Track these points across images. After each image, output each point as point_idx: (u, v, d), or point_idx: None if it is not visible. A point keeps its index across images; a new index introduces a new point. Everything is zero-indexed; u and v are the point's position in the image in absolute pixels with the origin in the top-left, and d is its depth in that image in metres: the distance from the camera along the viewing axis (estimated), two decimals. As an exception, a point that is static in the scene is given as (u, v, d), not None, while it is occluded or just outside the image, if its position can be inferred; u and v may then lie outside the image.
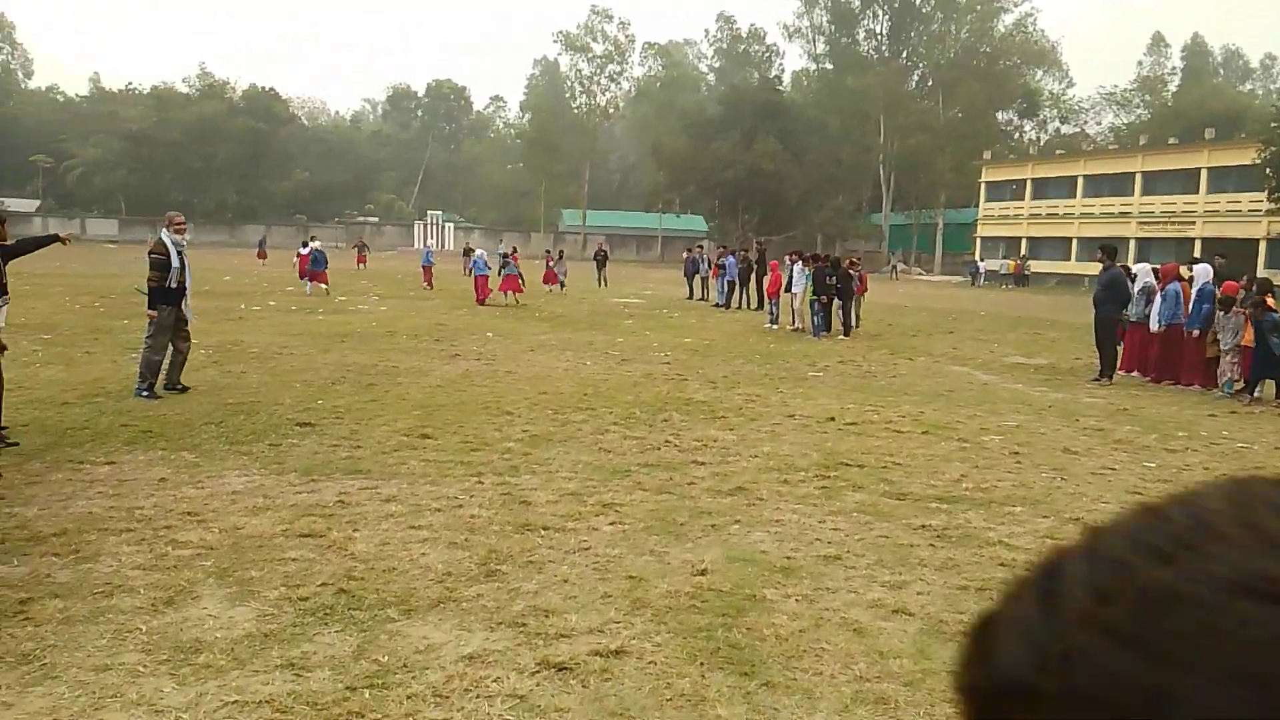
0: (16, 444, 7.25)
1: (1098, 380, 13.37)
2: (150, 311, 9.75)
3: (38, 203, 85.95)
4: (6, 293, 8.05)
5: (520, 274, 25.17)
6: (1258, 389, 12.15)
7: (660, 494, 6.49)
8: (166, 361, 9.81)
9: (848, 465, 7.57)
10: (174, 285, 9.83)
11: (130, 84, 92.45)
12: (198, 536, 5.26)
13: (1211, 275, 13.51)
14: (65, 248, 10.81)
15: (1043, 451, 8.42)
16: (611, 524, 5.74)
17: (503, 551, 5.13)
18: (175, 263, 9.84)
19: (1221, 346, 12.62)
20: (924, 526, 5.91)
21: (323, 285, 25.09)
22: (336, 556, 4.99)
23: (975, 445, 8.59)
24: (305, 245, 27.59)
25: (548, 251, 35.29)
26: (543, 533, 5.49)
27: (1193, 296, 13.28)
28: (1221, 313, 12.58)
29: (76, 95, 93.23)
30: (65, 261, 40.60)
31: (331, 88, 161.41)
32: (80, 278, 30.23)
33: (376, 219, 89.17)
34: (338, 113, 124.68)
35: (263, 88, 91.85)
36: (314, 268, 25.35)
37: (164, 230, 10.11)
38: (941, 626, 4.37)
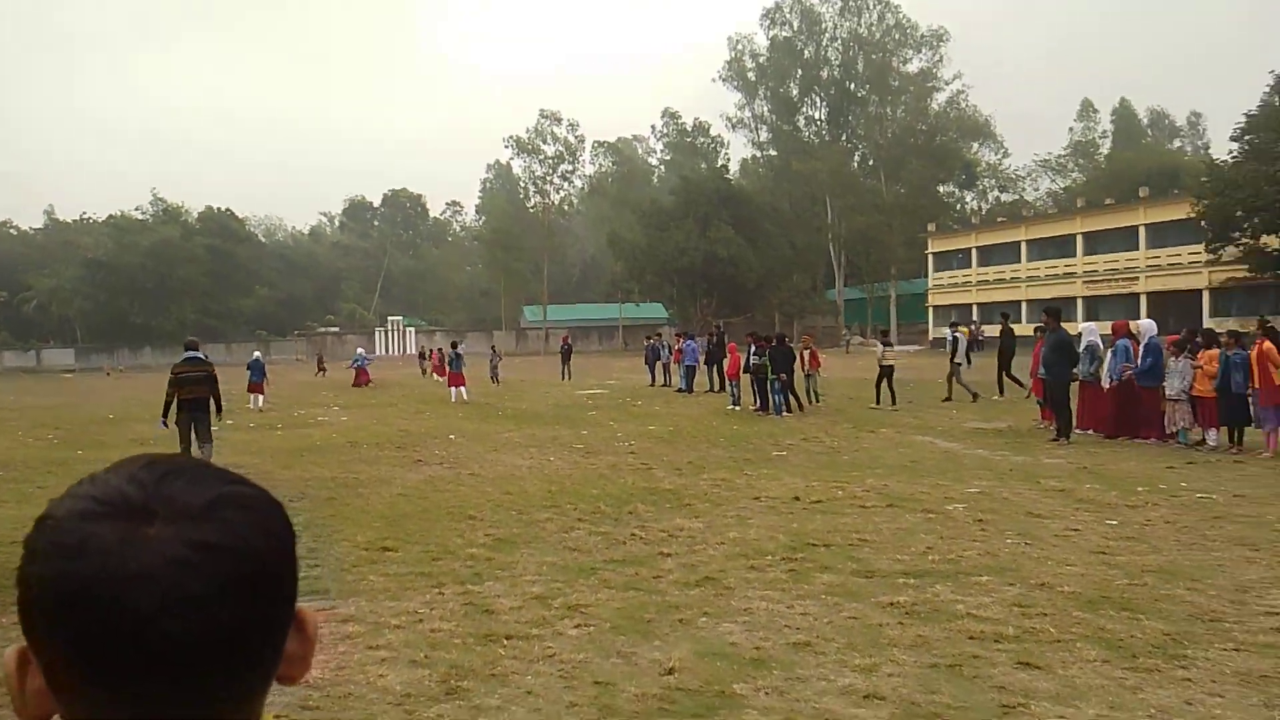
0: (-39, 590, 6.99)
1: (1056, 441, 13.51)
2: None
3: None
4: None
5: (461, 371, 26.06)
6: (1211, 436, 12.34)
7: (627, 590, 6.40)
8: None
9: (815, 545, 7.53)
10: None
11: (85, 214, 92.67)
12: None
13: (1156, 329, 13.86)
14: (17, 380, 10.71)
15: (1007, 517, 8.44)
16: (577, 627, 5.62)
17: (465, 666, 5.00)
18: None
19: (1168, 394, 12.85)
20: (893, 604, 5.86)
21: (259, 396, 24.88)
22: (290, 685, 4.82)
23: (941, 515, 8.60)
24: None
25: (439, 350, 38.22)
26: (506, 642, 5.36)
27: (1140, 350, 13.57)
28: (1172, 359, 12.84)
29: (31, 228, 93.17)
30: (20, 395, 39.99)
31: (287, 205, 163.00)
32: (36, 409, 29.69)
33: (337, 329, 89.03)
34: (295, 228, 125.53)
35: (218, 208, 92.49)
36: (252, 379, 25.14)
37: None
38: (914, 709, 4.30)
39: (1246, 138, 40.04)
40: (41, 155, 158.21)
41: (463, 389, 25.84)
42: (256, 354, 27.26)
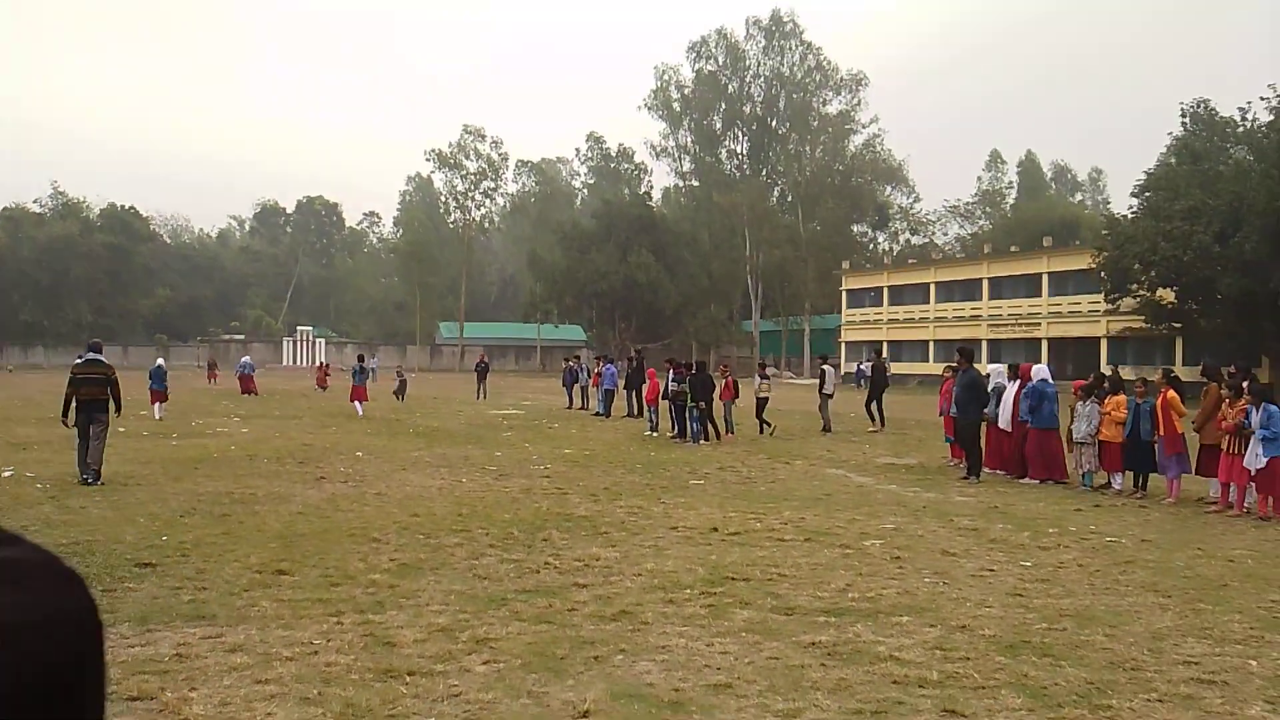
0: None
1: (966, 479, 13.68)
2: None
3: None
4: None
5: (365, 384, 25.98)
6: (1117, 480, 12.66)
7: (539, 624, 6.09)
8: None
9: (733, 579, 7.34)
10: None
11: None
12: (2, 708, 4.55)
13: (1048, 374, 14.25)
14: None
15: (923, 555, 8.40)
16: (485, 663, 5.29)
17: (361, 705, 4.62)
18: None
19: (1075, 438, 13.15)
20: (814, 644, 5.69)
21: (160, 405, 23.53)
22: (168, 722, 4.39)
23: (857, 551, 8.52)
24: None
25: (325, 364, 38.61)
26: (408, 679, 5.00)
27: (1020, 393, 13.93)
28: (1079, 404, 13.15)
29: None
30: (-112, 390, 37.37)
31: (195, 206, 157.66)
32: (-97, 407, 27.72)
33: (242, 336, 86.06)
34: (202, 230, 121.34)
35: (122, 206, 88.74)
36: (153, 386, 23.80)
37: None
38: (839, 758, 4.11)
39: (1145, 195, 42.06)
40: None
41: (361, 404, 25.19)
42: (159, 361, 25.94)
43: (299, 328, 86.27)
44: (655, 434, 20.60)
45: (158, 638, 5.70)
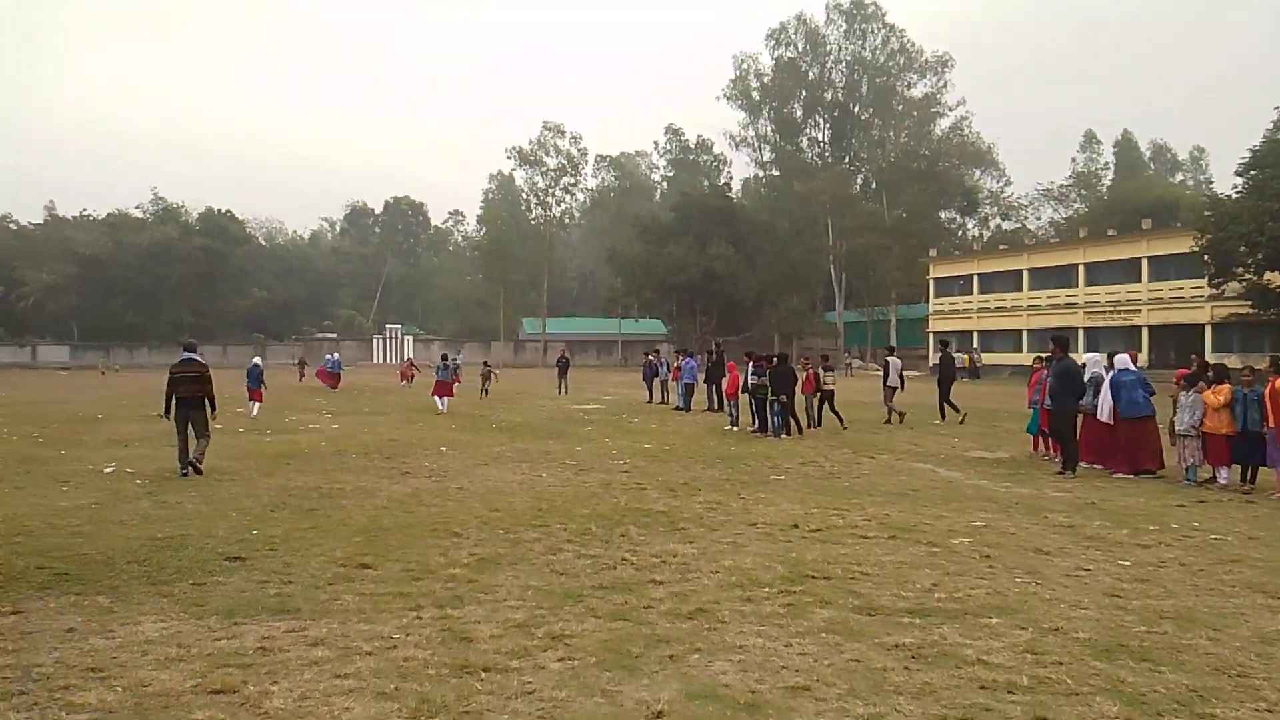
0: (-88, 596, 6.63)
1: (1061, 474, 13.18)
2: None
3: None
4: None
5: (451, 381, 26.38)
6: (1223, 474, 12.02)
7: (615, 620, 6.04)
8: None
9: (814, 577, 7.18)
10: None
11: (84, 210, 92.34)
12: (97, 697, 4.71)
13: (1127, 361, 13.63)
14: (9, 376, 10.71)
15: (1014, 553, 8.09)
16: (560, 660, 5.26)
17: (436, 701, 4.63)
18: None
19: (1177, 429, 12.54)
20: (897, 646, 5.50)
21: (255, 403, 24.24)
22: (249, 716, 4.47)
23: (945, 549, 8.25)
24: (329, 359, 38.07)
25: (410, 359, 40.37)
26: (483, 675, 5.00)
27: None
28: (1182, 394, 12.55)
29: (30, 224, 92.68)
30: (11, 391, 39.58)
31: (289, 208, 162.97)
32: (24, 405, 29.31)
33: (334, 334, 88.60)
34: (295, 232, 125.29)
35: (218, 209, 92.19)
36: (249, 384, 24.59)
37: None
38: (922, 766, 3.94)
39: (1250, 173, 39.88)
40: (45, 150, 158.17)
41: (445, 400, 25.54)
42: (256, 360, 26.79)
43: (387, 326, 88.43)
44: (735, 428, 20.42)
45: (243, 631, 5.84)
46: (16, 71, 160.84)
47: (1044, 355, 15.49)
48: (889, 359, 22.42)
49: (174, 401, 13.06)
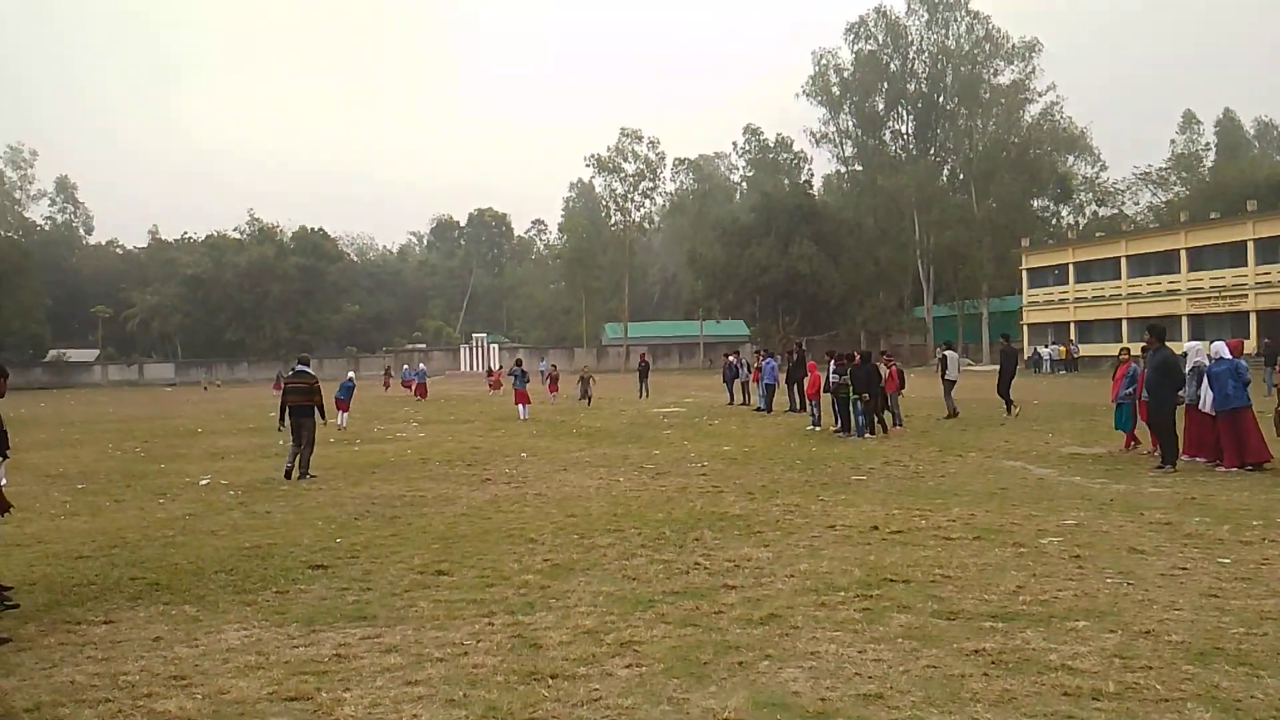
0: (17, 605, 6.97)
1: (1161, 468, 12.57)
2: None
3: (97, 352, 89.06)
4: (6, 449, 7.79)
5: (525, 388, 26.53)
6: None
7: (684, 627, 5.96)
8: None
9: (892, 581, 6.98)
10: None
11: (186, 233, 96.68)
12: (177, 705, 4.85)
13: (1223, 349, 12.87)
14: (119, 393, 11.69)
15: (1107, 553, 7.73)
16: (628, 666, 5.22)
17: (503, 708, 4.63)
18: None
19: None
20: (977, 651, 5.29)
21: (343, 414, 24.88)
22: (320, 723, 4.54)
23: (1033, 550, 7.93)
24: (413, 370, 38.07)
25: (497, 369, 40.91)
26: (550, 682, 4.99)
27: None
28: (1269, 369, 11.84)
29: (135, 247, 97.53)
30: (119, 407, 41.61)
31: (379, 223, 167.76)
32: (130, 421, 30.75)
33: (424, 345, 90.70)
34: (385, 247, 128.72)
35: (312, 228, 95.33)
36: (338, 395, 25.23)
37: None
38: (998, 779, 3.77)
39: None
40: (148, 176, 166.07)
41: (526, 407, 25.77)
42: (350, 374, 27.52)
43: (474, 335, 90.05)
44: (818, 429, 20.11)
45: (321, 638, 5.96)
46: (124, 100, 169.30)
47: (1128, 347, 14.88)
48: (945, 353, 22.36)
49: (287, 410, 14.21)
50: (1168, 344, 13.56)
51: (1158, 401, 12.95)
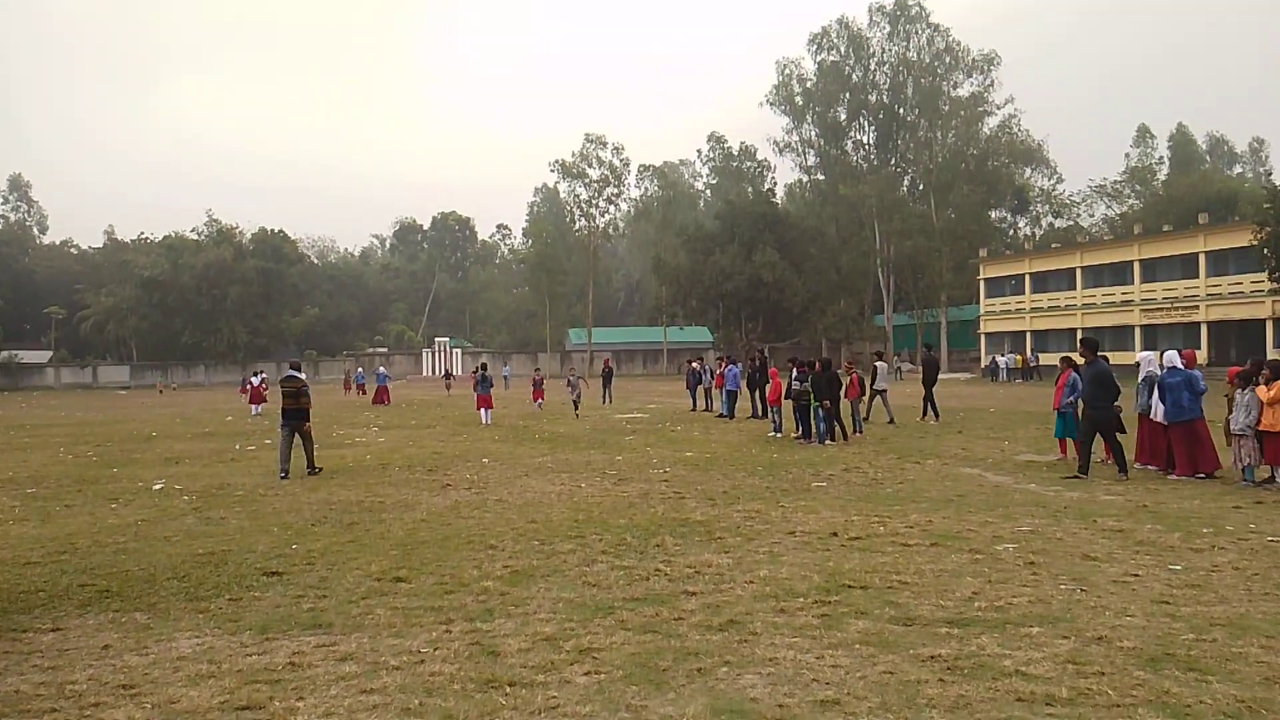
0: (-40, 614, 6.79)
1: (1119, 478, 12.78)
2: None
3: (50, 354, 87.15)
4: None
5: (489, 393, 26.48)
6: (1282, 475, 11.58)
7: (644, 633, 5.96)
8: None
9: (851, 587, 7.03)
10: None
11: (143, 234, 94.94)
12: (125, 715, 4.75)
13: (1176, 360, 13.14)
14: (72, 396, 11.53)
15: (1061, 559, 7.85)
16: (587, 674, 5.20)
17: (460, 716, 4.59)
18: None
19: (1233, 429, 12.11)
20: (933, 657, 5.35)
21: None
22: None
23: (988, 556, 8.04)
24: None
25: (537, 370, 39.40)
26: (508, 690, 4.95)
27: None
28: (1237, 392, 12.13)
29: (90, 247, 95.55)
30: (71, 410, 40.73)
31: (340, 227, 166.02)
32: (83, 425, 30.12)
33: (385, 349, 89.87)
34: (346, 249, 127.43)
35: (271, 230, 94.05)
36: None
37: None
38: (952, 784, 3.80)
39: (1313, 162, 38.60)
40: (104, 175, 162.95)
41: (487, 411, 25.65)
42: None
43: (437, 339, 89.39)
44: (779, 435, 20.22)
45: (275, 646, 5.87)
46: (81, 97, 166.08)
47: (1069, 356, 15.16)
48: (876, 364, 23.48)
49: (280, 412, 15.09)
50: (1103, 355, 13.72)
51: (1100, 414, 13.10)
